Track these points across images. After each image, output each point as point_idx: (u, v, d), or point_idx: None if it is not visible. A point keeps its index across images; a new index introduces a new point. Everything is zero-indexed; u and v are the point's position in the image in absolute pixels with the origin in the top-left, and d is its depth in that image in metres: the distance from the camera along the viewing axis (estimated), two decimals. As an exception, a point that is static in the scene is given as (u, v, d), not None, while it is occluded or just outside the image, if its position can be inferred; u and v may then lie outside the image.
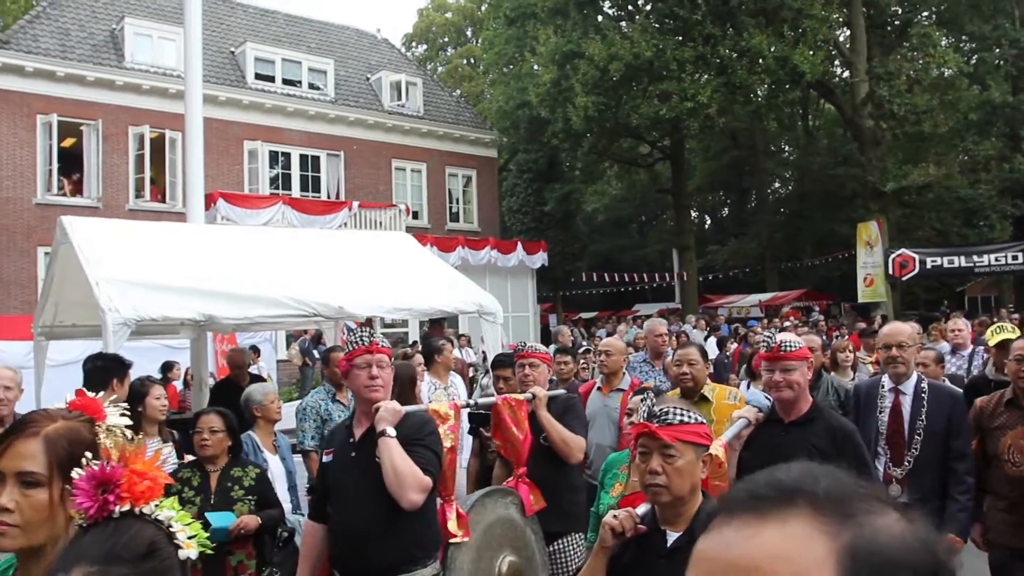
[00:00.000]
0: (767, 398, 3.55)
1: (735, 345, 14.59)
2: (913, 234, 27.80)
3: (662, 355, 6.69)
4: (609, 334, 21.37)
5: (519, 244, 24.90)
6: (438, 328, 22.02)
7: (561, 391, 4.72)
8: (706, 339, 16.93)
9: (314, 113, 23.28)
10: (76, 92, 19.25)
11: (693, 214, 38.76)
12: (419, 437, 3.33)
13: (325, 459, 3.56)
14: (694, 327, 20.07)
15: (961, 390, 4.65)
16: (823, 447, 3.29)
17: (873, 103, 23.87)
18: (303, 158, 23.44)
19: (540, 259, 25.28)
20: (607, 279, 29.94)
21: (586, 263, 32.53)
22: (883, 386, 4.34)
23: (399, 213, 22.30)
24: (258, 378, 7.35)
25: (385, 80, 25.79)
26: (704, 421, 2.52)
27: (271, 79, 23.06)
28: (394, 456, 3.18)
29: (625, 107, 23.53)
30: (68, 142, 19.72)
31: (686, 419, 2.43)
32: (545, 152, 28.64)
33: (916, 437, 4.10)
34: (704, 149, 35.90)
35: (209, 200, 17.78)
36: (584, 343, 13.28)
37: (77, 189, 19.76)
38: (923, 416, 4.12)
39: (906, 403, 4.21)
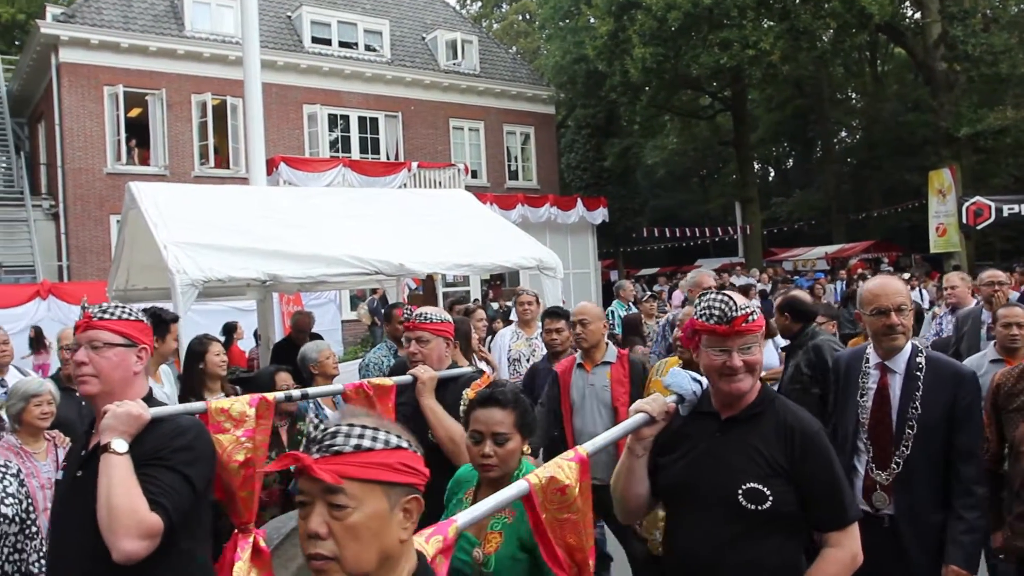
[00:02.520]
0: (696, 380, 2.50)
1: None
2: (989, 181, 26.76)
3: None
4: (672, 289, 21.20)
5: (579, 200, 24.73)
6: (497, 287, 22.13)
7: (465, 370, 3.84)
8: (771, 294, 16.66)
9: (371, 75, 23.33)
10: (140, 62, 19.62)
11: (756, 166, 37.90)
12: (160, 455, 2.28)
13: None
14: (758, 281, 19.77)
15: (973, 370, 3.36)
16: (771, 455, 2.31)
17: (946, 44, 22.86)
18: (362, 120, 23.56)
19: (600, 215, 25.08)
20: (668, 234, 29.57)
21: (647, 218, 32.20)
22: (867, 361, 3.26)
23: (458, 172, 22.31)
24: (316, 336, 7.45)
25: (441, 39, 25.67)
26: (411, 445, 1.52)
27: (328, 42, 23.15)
28: (112, 483, 2.16)
29: (684, 57, 22.99)
30: (134, 112, 20.17)
31: (368, 443, 1.44)
32: (603, 107, 28.25)
33: (907, 431, 3.05)
34: (767, 99, 34.95)
35: (271, 165, 18.06)
36: (647, 292, 13.14)
37: (145, 158, 20.24)
38: (917, 402, 3.06)
39: (895, 384, 3.14)
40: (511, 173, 26.79)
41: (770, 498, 2.25)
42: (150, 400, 2.49)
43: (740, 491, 2.26)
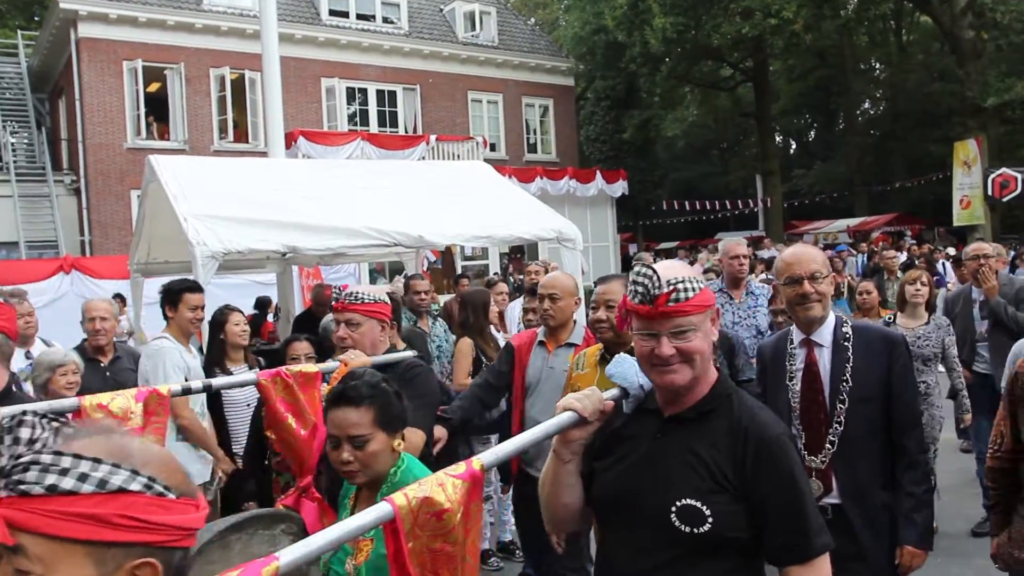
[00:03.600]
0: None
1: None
2: (1016, 152, 26.33)
3: (742, 284, 5.45)
4: (692, 263, 21.07)
5: (598, 173, 24.60)
6: (517, 260, 22.11)
7: (404, 354, 3.49)
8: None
9: (389, 47, 23.21)
10: (158, 37, 19.61)
11: (777, 138, 37.52)
12: None
13: None
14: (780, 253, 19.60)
15: (902, 334, 3.25)
16: (717, 465, 1.86)
17: (974, 12, 22.42)
18: (380, 93, 23.48)
19: (620, 188, 24.94)
20: (688, 207, 29.38)
21: (667, 191, 31.99)
22: (791, 341, 3.04)
23: (476, 145, 22.22)
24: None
25: (459, 10, 25.47)
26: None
27: (345, 15, 23.02)
28: None
29: (705, 27, 22.73)
30: (153, 87, 20.19)
31: (70, 484, 1.00)
32: (623, 78, 28.01)
33: (839, 406, 2.85)
34: (789, 70, 34.49)
35: (289, 139, 18.04)
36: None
37: (164, 132, 20.30)
38: (847, 375, 2.86)
39: (824, 359, 2.94)
40: (530, 146, 26.65)
41: (709, 519, 1.79)
42: (8, 396, 2.39)
43: (673, 509, 1.82)
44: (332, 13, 22.78)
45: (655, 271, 1.87)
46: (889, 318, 5.58)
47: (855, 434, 2.83)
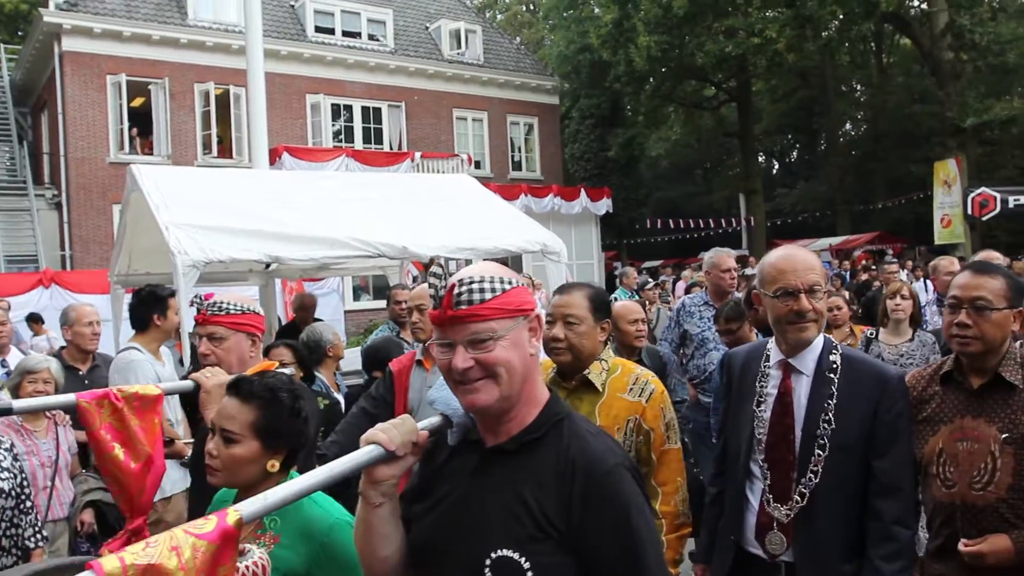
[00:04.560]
0: None
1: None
2: (995, 173, 26.63)
3: (728, 298, 5.35)
4: (676, 280, 21.11)
5: (583, 191, 24.67)
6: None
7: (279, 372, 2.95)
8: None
9: (374, 64, 23.26)
10: (143, 51, 19.56)
11: (760, 158, 37.80)
12: None
13: None
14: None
15: (901, 372, 2.61)
16: (540, 507, 1.52)
17: (953, 34, 22.74)
18: (365, 110, 23.50)
19: (604, 205, 25.01)
20: (672, 226, 29.48)
21: (651, 210, 32.11)
22: (767, 358, 2.56)
23: (461, 162, 22.26)
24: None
25: (444, 28, 25.58)
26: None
27: (331, 31, 23.08)
28: None
29: (689, 46, 22.96)
30: (137, 101, 20.12)
31: None
32: (608, 97, 28.18)
33: (817, 451, 2.36)
34: (771, 90, 34.84)
35: (274, 154, 18.01)
36: (650, 281, 13.07)
37: (148, 147, 20.20)
38: (830, 413, 2.37)
39: (801, 389, 2.44)
40: (515, 164, 26.72)
41: (529, 573, 1.49)
42: None
43: (488, 561, 1.51)
44: (318, 30, 22.83)
45: (443, 272, 1.63)
46: (870, 333, 5.29)
47: (830, 488, 2.34)
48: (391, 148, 23.50)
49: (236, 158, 20.41)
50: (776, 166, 44.94)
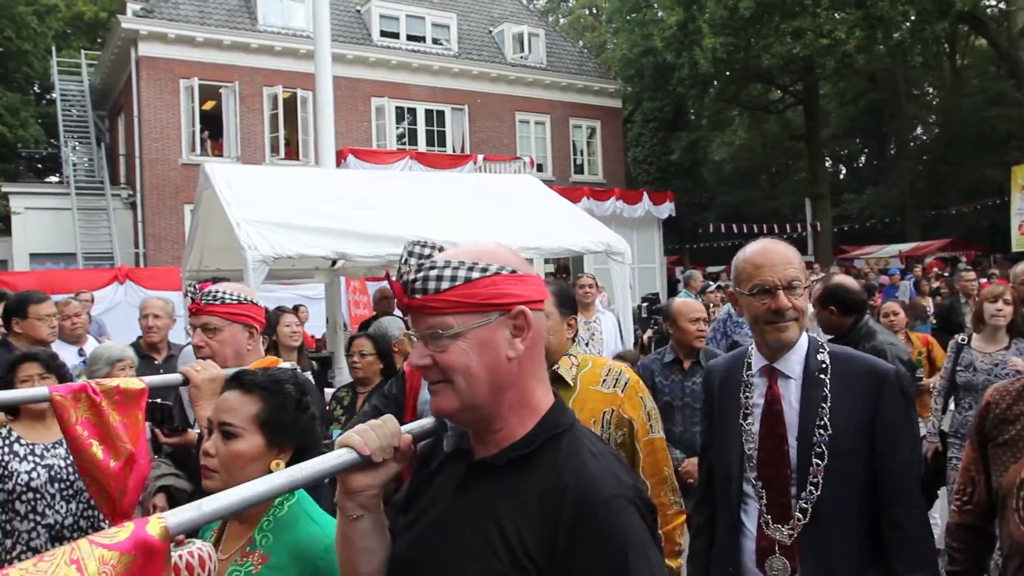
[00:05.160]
0: None
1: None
2: (1078, 177, 25.58)
3: None
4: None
5: (645, 194, 24.45)
6: (563, 279, 22.02)
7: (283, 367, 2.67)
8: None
9: (438, 68, 23.48)
10: (214, 56, 20.08)
11: (827, 162, 37.03)
12: None
13: None
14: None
15: (896, 368, 2.31)
16: (520, 535, 1.28)
17: (1032, 34, 22.00)
18: (428, 113, 23.73)
19: (667, 209, 24.75)
20: (736, 230, 29.07)
21: (714, 214, 31.75)
22: (748, 367, 2.31)
23: (523, 165, 22.27)
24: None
25: (508, 32, 25.69)
26: None
27: (396, 35, 23.37)
28: None
29: (755, 48, 22.63)
30: (208, 104, 20.67)
31: None
32: (671, 100, 27.98)
33: (815, 462, 2.11)
34: (839, 93, 34.10)
35: (339, 157, 18.27)
36: (711, 284, 12.91)
37: (218, 149, 20.73)
38: (824, 418, 2.13)
39: (790, 394, 2.21)
40: (576, 167, 26.67)
41: None
42: None
43: None
44: (383, 34, 23.14)
45: (435, 248, 1.36)
46: (962, 339, 4.96)
47: (833, 500, 2.10)
48: (454, 151, 23.68)
49: (302, 160, 20.79)
50: (843, 171, 44.00)
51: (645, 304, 13.57)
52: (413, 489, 1.50)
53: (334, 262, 7.48)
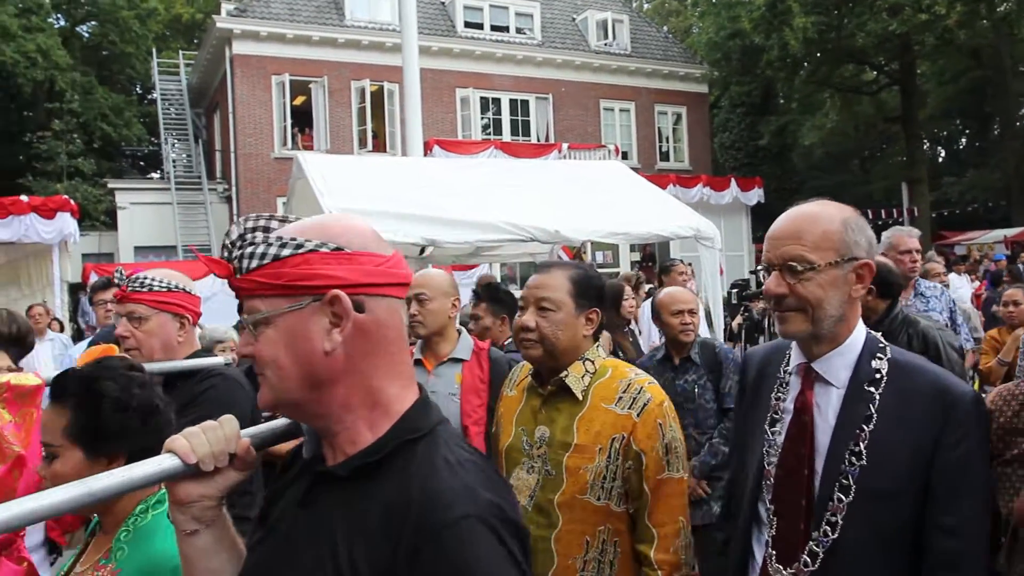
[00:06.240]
0: None
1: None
2: None
3: (910, 284, 4.74)
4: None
5: (732, 180, 23.98)
6: (648, 268, 21.83)
7: (210, 361, 2.62)
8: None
9: (522, 57, 23.52)
10: (304, 52, 20.61)
11: (925, 145, 35.59)
12: None
13: None
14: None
15: (975, 392, 1.73)
16: (355, 563, 1.05)
17: None
18: (512, 103, 23.81)
19: (756, 195, 24.22)
20: (828, 216, 28.23)
21: (804, 200, 30.82)
22: (787, 362, 1.88)
23: (608, 153, 22.10)
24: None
25: (591, 19, 25.53)
26: None
27: (480, 26, 23.51)
28: None
29: (849, 26, 21.86)
30: (299, 100, 21.23)
31: None
32: (759, 84, 27.37)
33: (838, 496, 1.66)
34: (938, 72, 32.61)
35: (426, 148, 18.50)
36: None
37: (308, 143, 21.27)
38: (862, 443, 1.66)
39: (828, 407, 1.74)
40: (662, 154, 26.35)
41: None
42: None
43: None
44: (467, 25, 23.30)
45: (281, 221, 1.17)
46: None
47: (854, 548, 1.64)
48: (539, 140, 23.70)
49: (390, 152, 21.13)
50: (942, 154, 42.20)
51: (735, 291, 13.31)
52: (268, 500, 1.28)
53: (423, 250, 7.59)
